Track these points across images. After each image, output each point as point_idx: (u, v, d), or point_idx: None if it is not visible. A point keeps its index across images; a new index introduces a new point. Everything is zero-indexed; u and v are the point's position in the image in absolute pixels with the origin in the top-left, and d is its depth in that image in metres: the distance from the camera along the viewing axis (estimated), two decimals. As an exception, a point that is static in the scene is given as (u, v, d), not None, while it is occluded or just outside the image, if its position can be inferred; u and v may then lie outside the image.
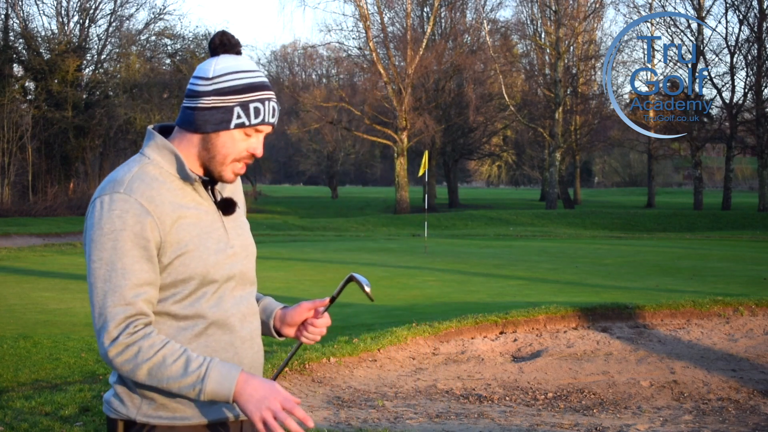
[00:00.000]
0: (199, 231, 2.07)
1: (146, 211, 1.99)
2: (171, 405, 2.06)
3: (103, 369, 6.85)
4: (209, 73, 2.07)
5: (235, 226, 2.17)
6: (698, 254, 17.94)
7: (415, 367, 7.21)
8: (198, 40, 40.46)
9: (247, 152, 2.09)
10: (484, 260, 16.69)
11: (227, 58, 2.09)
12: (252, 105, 2.05)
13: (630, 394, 6.45)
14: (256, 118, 2.06)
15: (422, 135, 39.15)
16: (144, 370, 1.96)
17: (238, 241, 2.16)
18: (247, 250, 2.19)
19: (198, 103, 2.06)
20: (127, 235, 1.97)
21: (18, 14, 38.05)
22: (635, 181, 75.33)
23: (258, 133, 2.09)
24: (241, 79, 2.06)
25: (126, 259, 1.97)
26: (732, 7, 38.93)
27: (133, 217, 1.98)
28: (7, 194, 33.68)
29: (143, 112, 35.68)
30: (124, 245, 1.97)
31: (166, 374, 1.96)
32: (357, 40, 43.58)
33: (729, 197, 39.14)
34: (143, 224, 1.98)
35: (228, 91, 2.05)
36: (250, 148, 2.09)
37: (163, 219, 2.01)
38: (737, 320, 8.51)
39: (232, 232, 2.15)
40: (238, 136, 2.06)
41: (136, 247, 1.97)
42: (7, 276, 13.88)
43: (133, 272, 1.97)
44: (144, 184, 2.02)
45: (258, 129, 2.08)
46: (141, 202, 1.99)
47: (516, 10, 66.87)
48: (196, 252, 2.04)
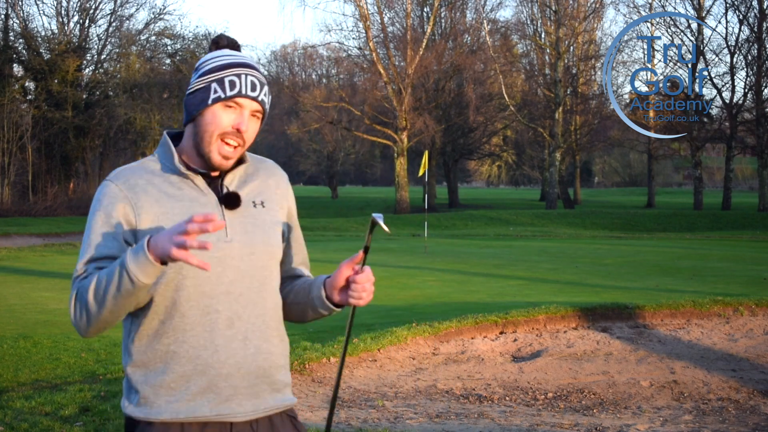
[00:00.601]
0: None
1: (122, 196, 2.09)
2: (150, 399, 2.08)
3: (102, 369, 6.85)
4: (197, 65, 2.18)
5: (243, 222, 2.15)
6: (698, 254, 17.94)
7: (415, 367, 7.21)
8: (198, 40, 40.46)
9: (231, 128, 2.10)
10: (484, 260, 16.69)
11: (218, 50, 2.18)
12: (227, 79, 2.10)
13: (630, 394, 6.45)
14: (231, 90, 2.10)
15: (422, 135, 39.14)
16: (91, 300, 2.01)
17: (243, 237, 2.13)
18: (254, 247, 2.14)
19: (187, 93, 2.16)
20: (99, 215, 2.10)
21: (18, 14, 38.07)
22: (635, 181, 75.32)
23: (240, 108, 2.12)
24: (219, 60, 2.14)
25: (93, 235, 2.09)
26: (732, 7, 38.95)
27: (107, 199, 2.10)
28: (7, 194, 33.67)
29: (143, 112, 35.67)
30: (95, 223, 2.10)
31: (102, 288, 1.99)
32: (357, 40, 43.62)
33: (729, 197, 39.13)
34: (114, 206, 2.09)
35: (206, 71, 2.13)
36: (233, 123, 2.10)
37: (140, 205, 2.09)
38: (737, 320, 8.51)
39: (236, 228, 2.13)
40: (218, 112, 2.10)
41: (104, 225, 2.08)
42: (7, 276, 13.88)
43: (96, 246, 2.07)
44: (133, 174, 2.13)
45: (237, 102, 2.11)
46: (120, 188, 2.10)
47: (516, 10, 66.99)
48: None
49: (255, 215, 2.17)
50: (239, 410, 2.10)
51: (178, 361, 2.07)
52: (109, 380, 6.45)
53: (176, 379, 2.07)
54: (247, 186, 2.20)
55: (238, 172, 2.20)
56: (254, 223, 2.16)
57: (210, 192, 2.15)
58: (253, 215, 2.17)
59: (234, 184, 2.18)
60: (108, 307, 2.00)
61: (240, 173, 2.21)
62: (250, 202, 2.18)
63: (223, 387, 2.08)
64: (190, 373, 2.07)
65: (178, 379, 2.07)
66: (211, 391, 2.08)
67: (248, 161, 2.24)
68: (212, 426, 2.09)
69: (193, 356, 2.07)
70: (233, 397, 2.10)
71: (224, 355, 2.08)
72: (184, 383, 2.07)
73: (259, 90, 2.13)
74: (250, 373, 2.12)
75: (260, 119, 2.18)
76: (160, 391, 2.07)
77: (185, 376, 2.07)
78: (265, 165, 2.29)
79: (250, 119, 2.15)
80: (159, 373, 2.08)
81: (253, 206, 2.18)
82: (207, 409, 2.07)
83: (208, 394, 2.08)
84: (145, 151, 36.81)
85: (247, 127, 2.12)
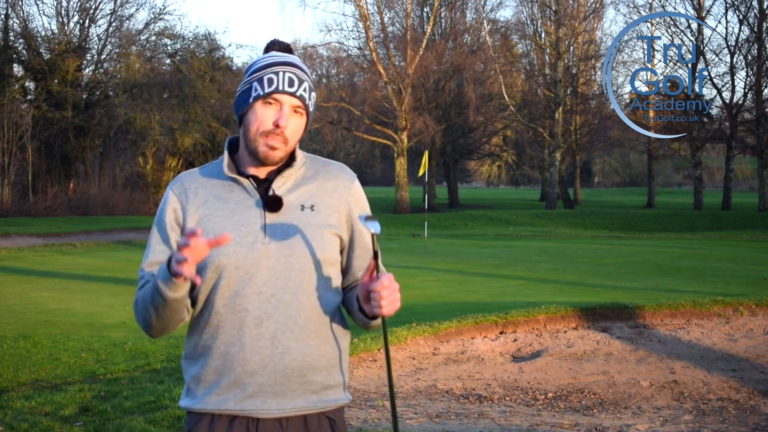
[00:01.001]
0: (226, 223, 2.17)
1: (175, 200, 2.23)
2: (192, 390, 2.21)
3: (102, 369, 6.85)
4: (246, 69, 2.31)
5: (285, 224, 2.17)
6: (698, 254, 17.94)
7: (415, 367, 7.21)
8: (198, 40, 40.43)
9: (271, 124, 2.16)
10: (484, 260, 16.69)
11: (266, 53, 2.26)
12: (266, 77, 2.17)
13: (630, 394, 6.45)
14: (269, 87, 2.15)
15: (422, 135, 39.12)
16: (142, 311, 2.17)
17: (282, 239, 2.16)
18: (293, 249, 2.16)
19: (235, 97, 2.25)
20: (157, 220, 2.26)
21: (18, 14, 38.03)
22: (635, 181, 75.31)
23: (279, 104, 2.17)
24: (262, 61, 2.21)
25: (152, 239, 2.25)
26: (732, 7, 38.94)
27: (164, 204, 2.25)
28: (7, 194, 33.65)
29: (143, 112, 35.62)
30: (153, 228, 2.26)
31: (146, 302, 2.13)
32: (357, 40, 43.61)
33: (729, 197, 39.12)
34: (167, 211, 2.23)
35: (250, 73, 2.22)
36: (273, 118, 2.16)
37: (187, 208, 2.21)
38: (737, 320, 8.51)
39: (277, 230, 2.17)
40: (259, 110, 2.17)
41: (160, 231, 2.24)
42: (7, 276, 13.89)
43: (153, 251, 2.22)
44: (188, 178, 2.26)
45: (276, 98, 2.16)
46: (174, 192, 2.24)
47: (516, 10, 66.97)
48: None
49: (300, 218, 2.19)
50: (263, 407, 2.15)
51: (211, 356, 2.17)
52: (109, 380, 6.45)
53: (210, 372, 2.17)
54: (298, 189, 2.23)
55: (292, 175, 2.23)
56: (298, 226, 2.19)
57: (256, 195, 2.20)
58: (297, 218, 2.19)
59: (284, 188, 2.21)
60: (154, 317, 2.14)
61: (295, 177, 2.24)
62: (298, 205, 2.20)
63: (248, 383, 2.14)
64: (221, 368, 2.15)
65: (212, 372, 2.17)
66: (237, 386, 2.14)
67: (307, 164, 2.27)
68: (239, 420, 2.16)
69: (223, 352, 2.15)
70: (258, 395, 2.14)
71: (250, 352, 2.14)
72: (216, 377, 2.16)
73: (297, 86, 2.17)
74: (277, 372, 2.14)
75: (304, 115, 2.21)
76: (199, 383, 2.19)
77: (217, 371, 2.16)
78: (327, 168, 2.30)
79: (292, 115, 2.18)
80: (198, 366, 2.19)
81: (300, 209, 2.20)
82: (232, 404, 2.15)
83: (234, 389, 2.15)
84: (145, 151, 36.81)
85: (287, 122, 2.16)
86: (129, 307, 10.62)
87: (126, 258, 17.72)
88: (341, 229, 2.24)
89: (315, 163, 2.29)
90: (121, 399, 5.83)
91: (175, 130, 36.26)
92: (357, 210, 2.27)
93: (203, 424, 2.17)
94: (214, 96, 37.03)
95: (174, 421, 5.29)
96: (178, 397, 5.76)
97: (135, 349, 7.77)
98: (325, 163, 2.31)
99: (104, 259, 17.46)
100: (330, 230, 2.21)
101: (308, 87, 2.20)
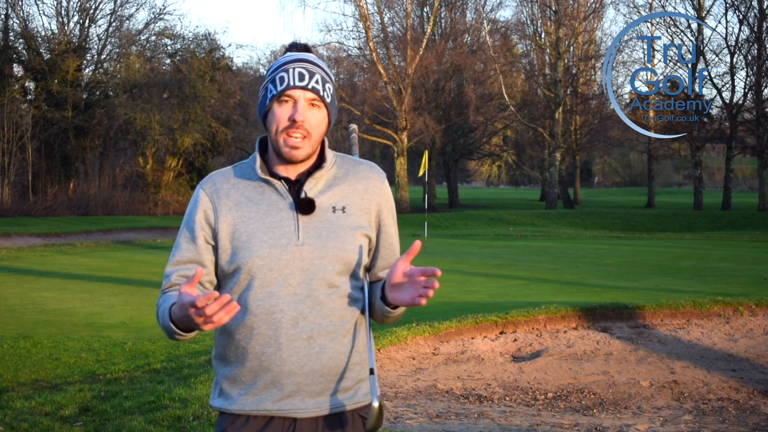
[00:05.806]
0: (260, 225, 2.19)
1: (206, 201, 2.23)
2: (226, 391, 2.22)
3: (102, 369, 6.85)
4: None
5: (318, 227, 2.19)
6: (698, 254, 17.94)
7: (415, 367, 7.21)
8: (198, 40, 40.39)
9: (287, 120, 2.17)
10: (484, 260, 16.69)
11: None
12: (278, 76, 2.19)
13: (630, 394, 6.45)
14: (281, 85, 2.17)
15: (422, 135, 39.13)
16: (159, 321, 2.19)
17: (315, 241, 2.18)
18: (326, 251, 2.18)
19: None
20: (186, 219, 2.26)
21: (18, 14, 38.00)
22: (635, 181, 75.31)
23: (293, 100, 2.17)
24: (277, 62, 2.23)
25: (180, 238, 2.26)
26: (732, 7, 38.95)
27: (194, 204, 2.25)
28: (7, 194, 33.64)
29: (143, 112, 35.62)
30: (182, 228, 2.27)
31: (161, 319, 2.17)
32: (357, 40, 43.57)
33: (729, 197, 39.13)
34: (197, 211, 2.24)
35: (267, 76, 2.24)
36: (288, 115, 2.17)
37: (219, 209, 2.21)
38: (737, 320, 8.51)
39: (310, 232, 2.18)
40: (276, 109, 2.18)
41: (188, 230, 2.24)
42: (7, 276, 13.88)
43: (180, 250, 2.24)
44: (220, 179, 2.26)
45: (289, 95, 2.17)
46: (205, 192, 2.24)
47: (516, 10, 66.94)
48: (248, 243, 2.17)
49: (332, 220, 2.21)
50: (302, 406, 2.17)
51: (247, 357, 2.18)
52: (109, 380, 6.45)
53: (246, 373, 2.19)
54: (330, 191, 2.23)
55: (323, 176, 2.24)
56: (330, 228, 2.20)
57: (289, 197, 2.21)
58: (329, 220, 2.21)
59: (316, 189, 2.22)
60: (167, 323, 2.15)
61: (326, 178, 2.25)
62: (330, 207, 2.22)
63: (286, 384, 2.16)
64: (257, 368, 2.17)
65: (247, 373, 2.18)
66: (275, 386, 2.17)
67: (338, 164, 2.28)
68: (276, 420, 2.19)
69: (259, 353, 2.17)
70: (296, 394, 2.17)
71: (287, 353, 2.15)
72: (252, 378, 2.18)
73: (308, 79, 2.18)
74: (315, 371, 2.17)
75: (322, 107, 2.21)
76: (234, 384, 2.21)
77: (253, 371, 2.18)
78: (357, 168, 2.30)
79: (309, 109, 2.19)
80: (233, 367, 2.21)
81: (332, 211, 2.22)
82: (270, 404, 2.17)
83: (271, 390, 2.17)
84: (145, 151, 36.82)
85: (303, 116, 2.16)
86: (129, 307, 10.62)
87: (126, 258, 17.72)
88: (371, 230, 2.27)
89: (345, 163, 2.30)
90: (121, 399, 5.83)
91: (175, 130, 36.25)
92: (386, 210, 2.31)
93: (237, 424, 2.19)
94: (214, 96, 37.02)
95: (174, 421, 5.29)
96: (178, 397, 5.76)
97: (135, 349, 7.77)
98: (355, 162, 2.32)
99: (104, 259, 17.46)
100: (361, 231, 2.24)
101: (321, 79, 2.20)
